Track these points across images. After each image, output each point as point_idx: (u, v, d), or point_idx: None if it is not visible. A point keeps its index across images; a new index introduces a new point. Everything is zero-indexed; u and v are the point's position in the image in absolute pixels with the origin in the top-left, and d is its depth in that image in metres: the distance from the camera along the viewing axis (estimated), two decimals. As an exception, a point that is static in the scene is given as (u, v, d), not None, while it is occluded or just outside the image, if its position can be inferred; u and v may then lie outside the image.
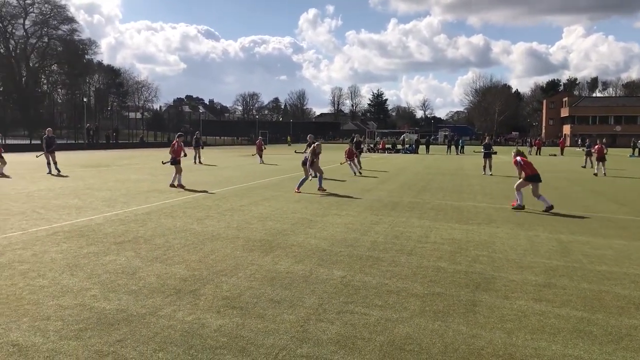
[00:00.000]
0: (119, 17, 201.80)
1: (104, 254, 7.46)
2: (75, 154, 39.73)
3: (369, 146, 62.24)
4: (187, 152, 19.20)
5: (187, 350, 4.30)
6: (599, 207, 13.49)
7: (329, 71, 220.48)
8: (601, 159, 25.05)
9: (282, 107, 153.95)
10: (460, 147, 54.81)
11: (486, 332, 4.81)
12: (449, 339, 4.64)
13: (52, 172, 20.61)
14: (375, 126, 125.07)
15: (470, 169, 28.12)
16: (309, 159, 15.79)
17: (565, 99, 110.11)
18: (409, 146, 60.17)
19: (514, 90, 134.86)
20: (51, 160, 21.08)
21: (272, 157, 24.40)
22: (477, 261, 7.47)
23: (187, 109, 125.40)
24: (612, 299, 5.83)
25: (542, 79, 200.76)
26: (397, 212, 12.02)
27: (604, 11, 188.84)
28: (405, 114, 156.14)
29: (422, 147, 57.47)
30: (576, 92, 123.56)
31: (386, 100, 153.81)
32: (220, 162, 30.58)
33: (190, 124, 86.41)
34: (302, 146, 40.56)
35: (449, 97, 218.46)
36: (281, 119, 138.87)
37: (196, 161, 29.16)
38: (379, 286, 6.16)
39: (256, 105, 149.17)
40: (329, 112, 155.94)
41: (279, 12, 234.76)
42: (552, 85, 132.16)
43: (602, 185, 20.08)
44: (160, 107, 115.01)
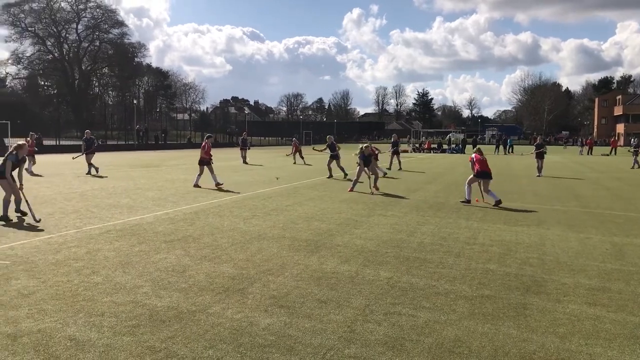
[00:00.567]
0: (166, 20, 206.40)
1: (155, 252, 7.64)
2: (125, 155, 40.86)
3: (414, 146, 61.74)
4: (235, 153, 19.41)
5: (236, 348, 4.36)
6: (655, 209, 12.98)
7: (373, 71, 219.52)
8: None
9: (326, 107, 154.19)
10: (508, 146, 53.78)
11: (538, 336, 4.70)
12: (499, 342, 4.56)
13: (92, 172, 20.63)
14: (420, 126, 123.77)
15: (519, 169, 27.52)
16: (359, 163, 15.74)
17: (618, 97, 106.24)
18: (455, 146, 59.36)
19: (564, 88, 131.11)
20: (89, 161, 20.98)
21: (314, 157, 24.51)
22: (527, 263, 7.31)
23: (232, 110, 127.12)
24: (672, 305, 5.60)
25: (594, 77, 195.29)
26: (443, 213, 11.87)
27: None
28: (451, 113, 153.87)
29: (468, 147, 56.54)
30: (630, 90, 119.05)
31: (432, 99, 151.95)
32: (265, 162, 30.87)
33: (236, 124, 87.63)
34: (350, 146, 40.53)
35: (496, 95, 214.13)
36: (325, 119, 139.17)
37: (245, 161, 29.72)
38: (427, 288, 6.10)
39: (300, 105, 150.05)
40: (373, 111, 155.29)
41: (323, 13, 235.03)
42: (605, 82, 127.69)
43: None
44: (207, 108, 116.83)
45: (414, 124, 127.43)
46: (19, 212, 10.53)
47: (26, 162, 13.35)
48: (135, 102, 70.30)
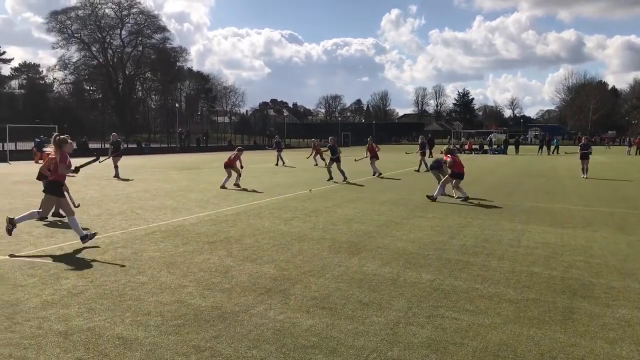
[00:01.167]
0: (207, 25, 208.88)
1: (198, 253, 7.77)
2: (168, 157, 41.66)
3: (454, 147, 60.93)
4: (271, 154, 19.55)
5: (279, 348, 4.39)
6: None
7: (412, 71, 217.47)
8: None
9: (364, 108, 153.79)
10: (554, 147, 52.69)
11: (586, 341, 4.59)
12: (546, 346, 4.46)
13: (118, 175, 20.70)
14: (460, 126, 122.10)
15: (563, 170, 26.87)
16: (434, 166, 15.57)
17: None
18: (497, 146, 58.33)
19: (610, 86, 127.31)
20: (116, 163, 21.13)
21: (351, 159, 24.50)
22: (574, 266, 7.13)
23: (271, 112, 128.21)
24: None
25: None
26: (486, 214, 11.69)
27: None
28: (492, 113, 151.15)
29: (510, 148, 55.54)
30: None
31: (472, 99, 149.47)
32: (303, 164, 30.94)
33: (275, 127, 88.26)
34: (389, 147, 40.28)
35: (538, 95, 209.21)
36: (363, 120, 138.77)
37: (278, 163, 29.89)
38: (470, 291, 6.02)
39: (338, 107, 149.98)
40: (413, 112, 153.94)
41: (362, 14, 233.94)
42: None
43: None
44: (246, 111, 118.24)
45: (454, 125, 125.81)
46: (56, 216, 10.66)
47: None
48: (177, 105, 71.61)
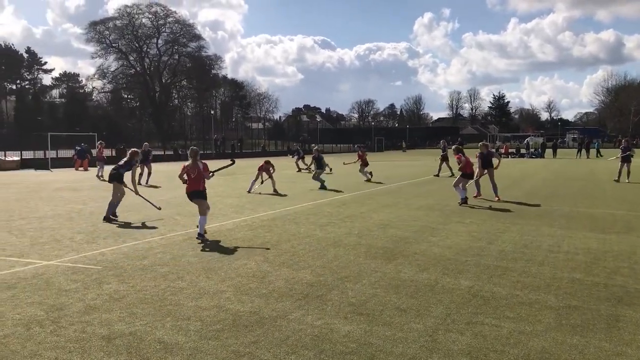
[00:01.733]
0: (240, 32, 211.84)
1: (236, 259, 7.85)
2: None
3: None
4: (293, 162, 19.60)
5: (318, 354, 4.40)
6: None
7: (446, 75, 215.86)
8: None
9: (398, 113, 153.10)
10: (596, 150, 51.62)
11: (633, 350, 4.46)
12: (590, 355, 4.36)
13: (147, 183, 20.97)
14: (496, 130, 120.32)
15: (603, 174, 26.19)
16: (478, 172, 15.35)
17: None
18: (535, 150, 57.25)
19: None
20: (145, 172, 21.44)
21: (385, 164, 24.25)
22: (617, 273, 6.95)
23: (305, 118, 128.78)
24: None
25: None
26: (524, 219, 11.49)
27: None
28: (528, 116, 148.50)
29: (548, 151, 54.45)
30: None
31: (508, 102, 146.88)
32: (337, 169, 30.90)
33: (308, 132, 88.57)
34: (422, 151, 39.98)
35: (576, 97, 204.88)
36: (397, 125, 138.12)
37: (301, 170, 29.78)
38: (510, 297, 5.93)
39: (372, 112, 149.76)
40: (447, 116, 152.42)
41: (394, 19, 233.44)
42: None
43: None
44: (280, 117, 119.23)
45: (489, 128, 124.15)
46: (114, 216, 11.73)
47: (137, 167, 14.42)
48: (212, 112, 72.63)
